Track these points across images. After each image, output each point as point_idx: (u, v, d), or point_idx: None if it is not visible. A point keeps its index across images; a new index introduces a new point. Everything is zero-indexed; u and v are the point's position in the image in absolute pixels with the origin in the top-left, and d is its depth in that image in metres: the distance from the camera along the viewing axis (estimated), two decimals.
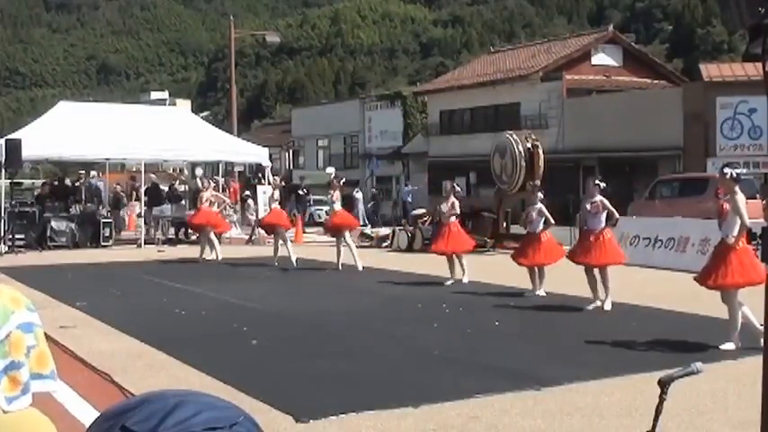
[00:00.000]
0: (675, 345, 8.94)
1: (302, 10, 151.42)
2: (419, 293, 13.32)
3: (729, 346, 8.58)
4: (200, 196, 19.25)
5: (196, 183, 21.81)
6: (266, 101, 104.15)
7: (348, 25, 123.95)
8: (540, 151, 21.05)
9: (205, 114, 65.43)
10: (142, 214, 24.72)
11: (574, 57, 36.81)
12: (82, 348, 8.69)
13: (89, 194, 26.25)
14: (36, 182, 34.13)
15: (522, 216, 14.09)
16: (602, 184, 11.96)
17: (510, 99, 36.95)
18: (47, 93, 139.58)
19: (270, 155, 28.36)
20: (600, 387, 7.10)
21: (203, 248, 18.87)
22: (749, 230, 9.22)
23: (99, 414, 1.02)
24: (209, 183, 20.25)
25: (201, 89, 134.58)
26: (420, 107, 44.51)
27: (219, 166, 27.30)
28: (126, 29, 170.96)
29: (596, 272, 11.53)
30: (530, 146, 20.95)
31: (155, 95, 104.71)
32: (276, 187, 19.34)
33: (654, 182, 25.18)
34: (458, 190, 15.27)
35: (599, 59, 37.34)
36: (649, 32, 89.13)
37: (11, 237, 20.79)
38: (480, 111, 38.95)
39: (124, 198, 27.80)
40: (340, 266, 16.65)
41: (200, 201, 19.26)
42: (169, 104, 73.42)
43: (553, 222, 13.10)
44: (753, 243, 10.16)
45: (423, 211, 24.83)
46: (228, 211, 22.83)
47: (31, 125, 23.47)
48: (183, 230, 24.20)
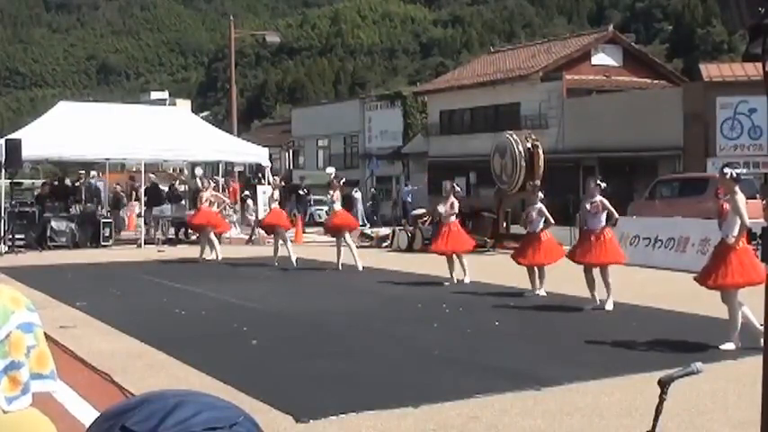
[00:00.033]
0: (675, 345, 8.94)
1: (302, 10, 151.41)
2: (419, 293, 13.33)
3: (729, 346, 8.58)
4: (200, 196, 19.25)
5: (196, 183, 21.81)
6: (266, 101, 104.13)
7: (348, 25, 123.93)
8: (540, 151, 21.05)
9: (205, 114, 65.42)
10: (142, 214, 24.73)
11: (574, 57, 36.78)
12: (82, 348, 8.70)
13: (89, 194, 26.25)
14: (36, 182, 34.11)
15: (522, 216, 14.09)
16: (603, 184, 11.97)
17: (510, 99, 36.93)
18: (47, 93, 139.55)
19: (270, 155, 28.35)
20: (600, 387, 7.10)
21: (203, 248, 18.87)
22: (749, 230, 9.22)
23: (99, 414, 1.02)
24: (209, 183, 20.25)
25: (201, 89, 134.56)
26: (420, 107, 44.48)
27: (219, 166, 27.31)
28: (126, 29, 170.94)
29: (597, 272, 11.53)
30: (530, 146, 20.96)
31: (155, 95, 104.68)
32: (276, 187, 19.34)
33: (654, 182, 25.17)
34: (458, 190, 15.27)
35: (599, 59, 37.31)
36: (649, 32, 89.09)
37: (11, 237, 20.79)
38: (480, 111, 38.93)
39: (124, 198, 27.81)
40: (340, 266, 16.66)
41: (200, 201, 19.26)
42: (169, 104, 73.40)
43: (553, 222, 13.11)
44: (753, 243, 10.16)
45: (423, 211, 24.81)
46: (228, 211, 22.83)
47: (31, 125, 23.47)
48: (183, 230, 24.20)
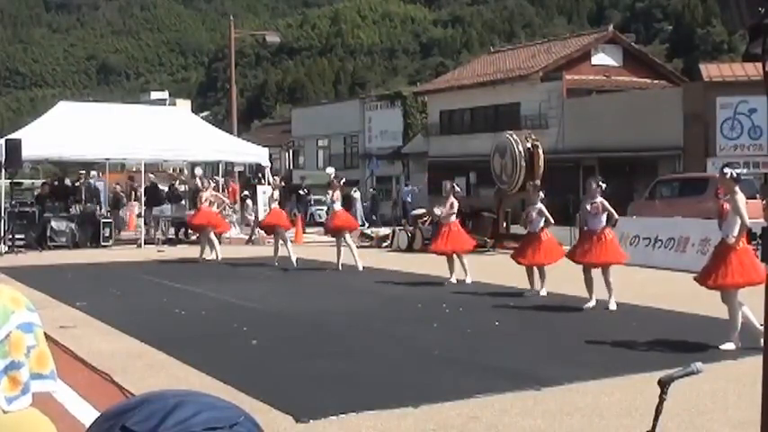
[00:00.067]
0: (675, 345, 8.94)
1: (302, 10, 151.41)
2: (419, 293, 13.33)
3: (729, 346, 8.58)
4: (200, 196, 19.25)
5: (196, 183, 21.81)
6: (266, 101, 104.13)
7: (348, 25, 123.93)
8: (540, 151, 21.05)
9: (205, 114, 65.43)
10: (142, 214, 24.73)
11: (574, 57, 36.78)
12: (82, 348, 8.69)
13: (89, 194, 26.24)
14: (36, 182, 34.12)
15: (522, 216, 14.09)
16: (603, 184, 11.96)
17: (510, 99, 36.92)
18: (47, 93, 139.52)
19: (270, 155, 28.35)
20: (600, 387, 7.10)
21: (203, 248, 18.87)
22: (749, 230, 9.22)
23: (99, 414, 1.02)
24: (208, 183, 20.25)
25: (201, 89, 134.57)
26: (420, 107, 44.48)
27: (219, 166, 27.31)
28: (126, 29, 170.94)
29: (597, 272, 11.53)
30: (530, 146, 20.95)
31: (155, 95, 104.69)
32: (276, 187, 19.33)
33: (654, 182, 25.16)
34: (457, 190, 15.28)
35: (599, 59, 37.31)
36: (649, 32, 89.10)
37: (11, 237, 20.79)
38: (480, 111, 38.93)
39: (123, 198, 27.81)
40: (340, 266, 16.66)
41: (199, 201, 19.25)
42: (169, 104, 73.41)
43: (553, 222, 13.11)
44: (753, 243, 10.15)
45: (423, 211, 24.80)
46: (228, 211, 22.83)
47: (31, 125, 23.48)
48: (182, 230, 24.20)
